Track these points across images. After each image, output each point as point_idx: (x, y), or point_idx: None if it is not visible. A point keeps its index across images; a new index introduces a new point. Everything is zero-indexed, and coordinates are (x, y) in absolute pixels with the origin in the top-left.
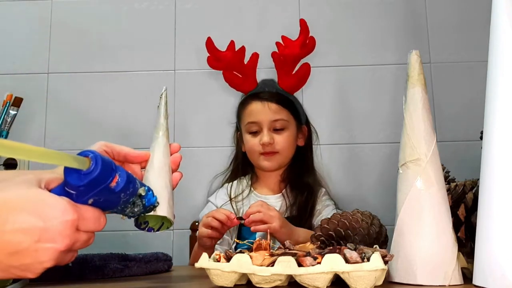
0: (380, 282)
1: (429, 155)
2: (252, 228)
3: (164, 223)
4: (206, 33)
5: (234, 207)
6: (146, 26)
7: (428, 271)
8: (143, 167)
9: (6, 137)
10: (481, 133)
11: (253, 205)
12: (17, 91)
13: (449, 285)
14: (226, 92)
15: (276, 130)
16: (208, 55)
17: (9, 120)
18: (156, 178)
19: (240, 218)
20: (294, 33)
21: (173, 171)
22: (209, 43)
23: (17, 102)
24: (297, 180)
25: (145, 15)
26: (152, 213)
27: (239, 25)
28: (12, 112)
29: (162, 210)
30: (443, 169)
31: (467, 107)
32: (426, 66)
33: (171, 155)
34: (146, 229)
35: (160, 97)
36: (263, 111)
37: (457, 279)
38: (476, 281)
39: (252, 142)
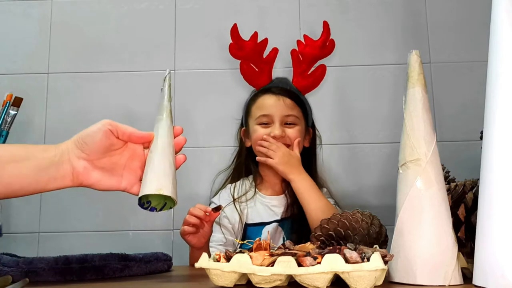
0: (380, 282)
1: (429, 155)
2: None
3: (167, 203)
4: (206, 33)
5: (238, 208)
6: (146, 26)
7: (428, 271)
8: (146, 147)
9: (6, 137)
10: (481, 133)
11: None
12: (17, 91)
13: (449, 285)
14: (226, 92)
15: (287, 125)
16: (231, 42)
17: (9, 120)
18: (160, 158)
19: (216, 209)
20: (294, 33)
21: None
22: (234, 30)
23: (17, 102)
24: None
25: (145, 15)
26: (157, 192)
27: (239, 25)
28: (12, 112)
29: (167, 190)
30: (443, 169)
31: (467, 107)
32: (426, 66)
33: (174, 137)
34: (149, 208)
35: (164, 80)
36: (277, 105)
37: (457, 279)
38: (476, 281)
39: (261, 132)
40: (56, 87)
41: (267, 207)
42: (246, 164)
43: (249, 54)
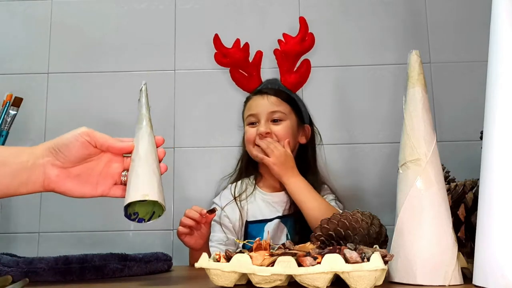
0: (380, 282)
1: (429, 155)
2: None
3: (155, 212)
4: (206, 33)
5: (239, 205)
6: (146, 26)
7: (428, 271)
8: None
9: (6, 137)
10: (481, 133)
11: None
12: (17, 91)
13: (449, 285)
14: (226, 92)
15: (274, 122)
16: (216, 51)
17: (9, 120)
18: (143, 167)
19: (211, 211)
20: (294, 34)
21: None
22: (216, 40)
23: (17, 102)
24: None
25: (145, 15)
26: (142, 198)
27: (239, 25)
28: (12, 112)
29: (153, 195)
30: (443, 169)
31: (467, 107)
32: (426, 66)
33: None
34: (137, 220)
35: (140, 91)
36: (262, 103)
37: (457, 279)
38: (476, 281)
39: (249, 132)
40: (56, 87)
41: (268, 203)
42: (247, 167)
43: (235, 61)
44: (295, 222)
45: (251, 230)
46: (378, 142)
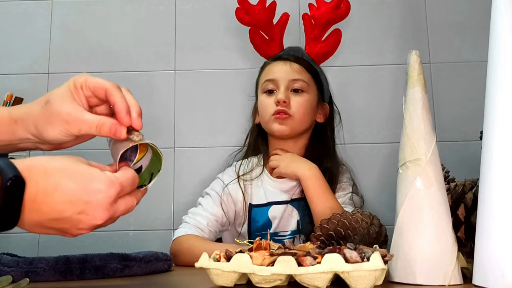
0: (380, 282)
1: (429, 155)
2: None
3: (154, 173)
4: (206, 33)
5: (242, 185)
6: (146, 26)
7: (427, 271)
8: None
9: None
10: (481, 133)
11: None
12: (17, 91)
13: (449, 285)
14: (226, 92)
15: (294, 92)
16: (238, 6)
17: None
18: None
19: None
20: (293, 35)
21: None
22: None
23: (17, 102)
24: (316, 163)
25: (145, 15)
26: (139, 142)
27: (239, 25)
28: None
29: (145, 139)
30: (443, 169)
31: (467, 107)
32: (426, 66)
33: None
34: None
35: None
36: (283, 69)
37: (457, 279)
38: (476, 281)
39: (266, 102)
40: (56, 87)
41: (276, 189)
42: (256, 142)
43: (257, 19)
44: (306, 204)
45: (254, 214)
46: (378, 142)
